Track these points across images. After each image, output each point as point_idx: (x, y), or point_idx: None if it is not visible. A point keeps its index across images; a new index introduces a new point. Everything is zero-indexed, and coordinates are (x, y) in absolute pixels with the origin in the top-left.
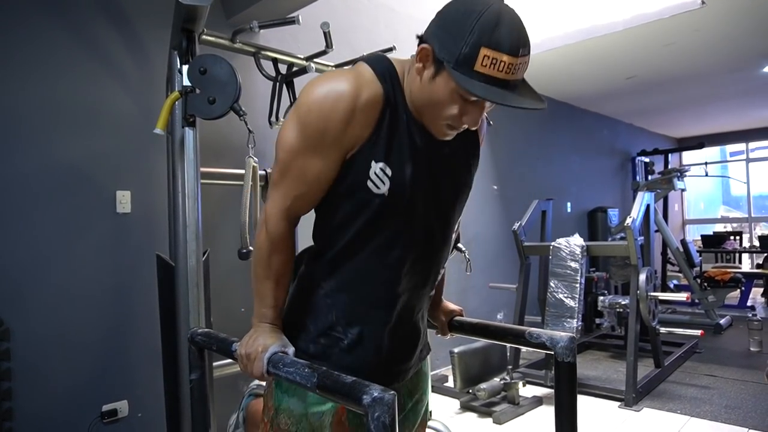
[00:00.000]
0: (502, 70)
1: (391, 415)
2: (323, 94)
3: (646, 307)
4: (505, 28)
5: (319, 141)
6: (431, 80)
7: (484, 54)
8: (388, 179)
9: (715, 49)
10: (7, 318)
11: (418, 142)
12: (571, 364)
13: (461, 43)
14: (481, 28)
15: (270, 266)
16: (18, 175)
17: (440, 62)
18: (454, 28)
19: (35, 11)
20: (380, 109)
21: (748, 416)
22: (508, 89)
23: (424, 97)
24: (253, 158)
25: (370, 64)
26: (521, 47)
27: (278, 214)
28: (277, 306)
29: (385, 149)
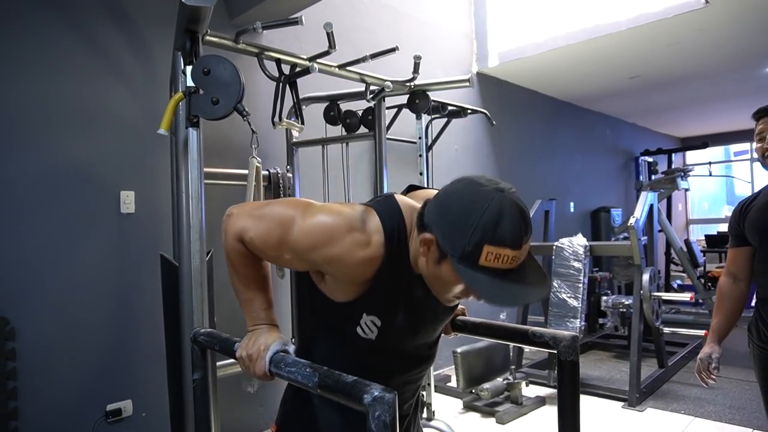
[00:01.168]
0: (506, 262)
1: (392, 415)
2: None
3: (650, 307)
4: (507, 224)
5: (310, 262)
6: (436, 264)
7: (487, 251)
8: (377, 329)
9: (719, 49)
10: (13, 318)
11: (416, 294)
12: (574, 363)
13: (464, 241)
14: (483, 227)
15: (245, 276)
16: (23, 176)
17: (444, 253)
18: (457, 224)
19: (42, 14)
20: (376, 268)
21: (752, 417)
22: (513, 277)
23: (430, 274)
24: (256, 158)
25: (381, 220)
26: (524, 237)
27: (236, 236)
28: (268, 308)
29: (376, 304)
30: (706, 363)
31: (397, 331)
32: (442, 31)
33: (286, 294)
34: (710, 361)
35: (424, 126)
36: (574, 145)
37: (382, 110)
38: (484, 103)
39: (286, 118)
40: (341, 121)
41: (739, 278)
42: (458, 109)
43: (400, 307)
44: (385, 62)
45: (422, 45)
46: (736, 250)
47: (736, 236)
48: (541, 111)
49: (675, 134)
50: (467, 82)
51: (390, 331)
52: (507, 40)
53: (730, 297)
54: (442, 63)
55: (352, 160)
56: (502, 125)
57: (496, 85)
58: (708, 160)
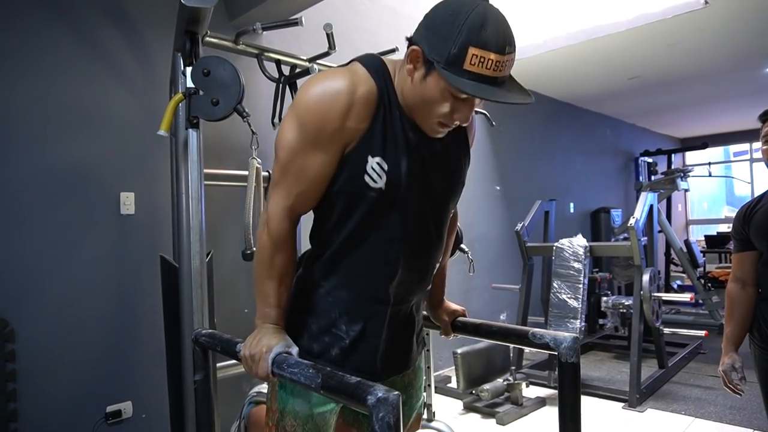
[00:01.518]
0: (490, 67)
1: (396, 416)
2: (320, 91)
3: (650, 308)
4: (491, 28)
5: (318, 137)
6: (422, 80)
7: (472, 53)
8: (385, 173)
9: (718, 49)
10: (12, 319)
11: (411, 138)
12: (575, 364)
13: (450, 44)
14: (468, 28)
15: (273, 266)
16: (23, 177)
17: (430, 63)
18: (442, 30)
19: (42, 15)
20: (375, 104)
21: (753, 417)
22: (497, 86)
23: (415, 97)
24: (256, 159)
25: (363, 63)
26: (507, 45)
27: (281, 212)
28: (280, 306)
29: (381, 144)
30: (730, 375)
31: (404, 176)
32: None
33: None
34: (734, 370)
35: None
36: (574, 145)
37: None
38: (483, 104)
39: None
40: None
41: (748, 283)
42: None
43: (401, 149)
44: None
45: None
46: (742, 255)
47: (741, 241)
48: (541, 111)
49: (675, 135)
50: None
51: (397, 175)
52: None
53: (740, 303)
54: None
55: None
56: (502, 126)
57: None
58: (708, 160)
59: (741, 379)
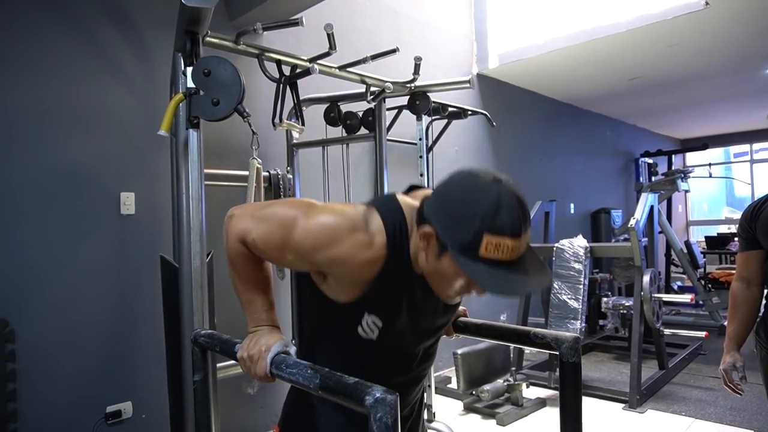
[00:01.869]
0: (506, 253)
1: (393, 416)
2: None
3: (650, 309)
4: (506, 212)
5: (312, 263)
6: (437, 259)
7: (487, 241)
8: (378, 329)
9: (719, 51)
10: (12, 320)
11: (417, 295)
12: (576, 364)
13: (463, 231)
14: (482, 216)
15: (246, 277)
16: (23, 177)
17: (444, 245)
18: (456, 214)
19: (41, 15)
20: (379, 269)
21: (753, 418)
22: (514, 267)
23: (430, 270)
24: (256, 159)
25: (383, 219)
26: (522, 226)
27: (239, 237)
28: (269, 309)
29: (378, 304)
30: (731, 374)
31: (398, 331)
32: (442, 32)
33: (286, 295)
34: (735, 370)
35: (424, 127)
36: (575, 146)
37: (383, 111)
38: (484, 105)
39: (287, 120)
40: (341, 122)
41: (753, 283)
42: (459, 111)
43: (402, 308)
44: (386, 63)
45: (422, 46)
46: (748, 253)
47: (746, 239)
48: (542, 112)
49: (675, 136)
50: (467, 83)
51: (391, 331)
52: (507, 41)
53: (744, 302)
54: (442, 64)
55: (352, 161)
56: (503, 126)
57: (496, 87)
58: (708, 161)
59: (741, 378)
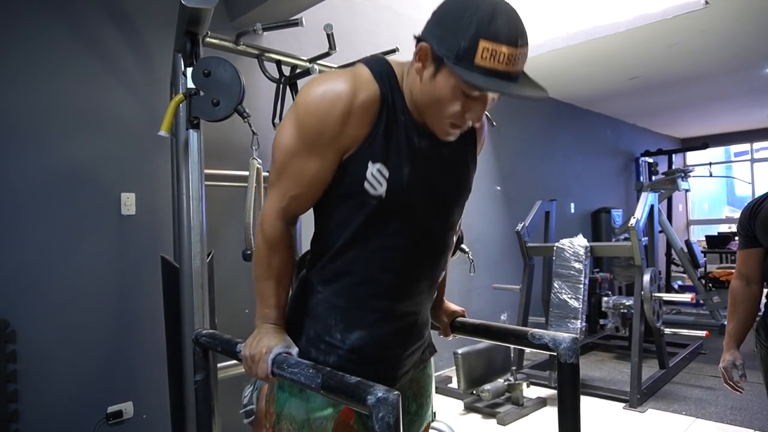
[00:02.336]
0: (502, 61)
1: (395, 416)
2: (320, 94)
3: (651, 308)
4: (502, 20)
5: (316, 141)
6: (432, 79)
7: (483, 46)
8: (385, 180)
9: (719, 50)
10: (13, 320)
11: (416, 142)
12: (574, 365)
13: (460, 38)
14: (478, 20)
15: (270, 266)
16: (23, 178)
17: (440, 59)
18: (451, 24)
19: (42, 16)
20: (377, 109)
21: (754, 418)
22: (510, 81)
23: (425, 97)
24: (257, 160)
25: (368, 66)
26: (519, 38)
27: (274, 214)
28: (279, 306)
29: (382, 150)
30: (731, 372)
31: (406, 183)
32: None
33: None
34: (735, 368)
35: None
36: (575, 145)
37: None
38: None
39: None
40: None
41: (752, 280)
42: None
43: (404, 154)
44: None
45: None
46: (747, 251)
47: (746, 237)
48: (542, 112)
49: (675, 135)
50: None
51: (399, 182)
52: None
53: (743, 300)
54: None
55: None
56: (503, 126)
57: None
58: (708, 160)
59: (741, 376)
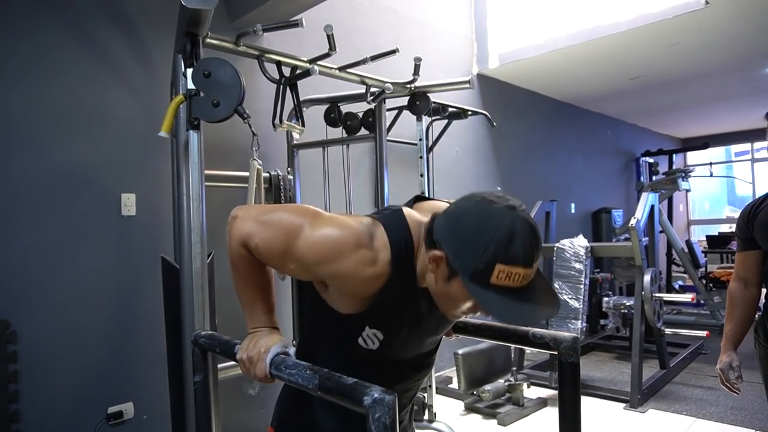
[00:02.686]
0: (517, 281)
1: (392, 416)
2: (328, 243)
3: (651, 308)
4: (519, 242)
5: (314, 274)
6: (445, 281)
7: (499, 270)
8: (379, 341)
9: (719, 49)
10: (14, 321)
11: (420, 308)
12: (575, 364)
13: (476, 259)
14: (495, 246)
15: (246, 279)
16: (24, 178)
17: (455, 271)
18: (468, 241)
19: (42, 17)
20: (380, 286)
21: (755, 418)
22: (524, 295)
23: (438, 291)
24: (257, 161)
25: (389, 236)
26: (535, 254)
27: (241, 241)
28: (268, 311)
29: (379, 319)
30: (727, 374)
31: (399, 344)
32: (442, 32)
33: (287, 297)
34: (731, 369)
35: (424, 127)
36: (575, 146)
37: (383, 112)
38: (484, 105)
39: (287, 120)
40: (342, 123)
41: (750, 282)
42: (459, 111)
43: (404, 322)
44: (386, 64)
45: (423, 47)
46: (745, 254)
47: (744, 240)
48: (542, 112)
49: (676, 135)
50: (467, 83)
51: (392, 344)
52: (507, 41)
53: (741, 302)
54: (442, 64)
55: (352, 161)
56: (503, 126)
57: (496, 87)
58: (709, 160)
59: (737, 377)
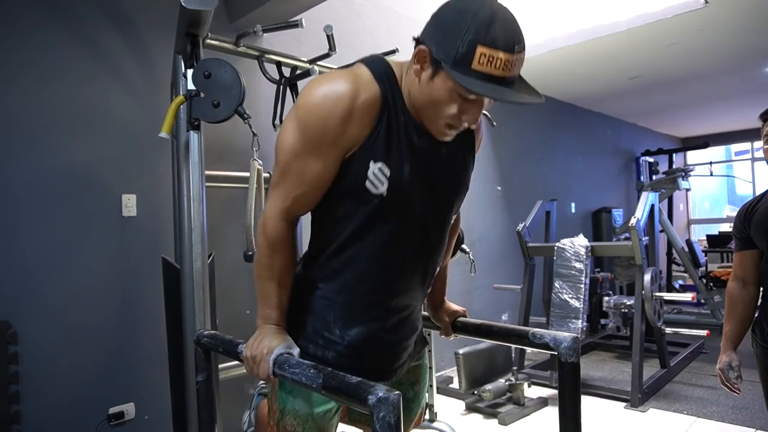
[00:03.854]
0: (499, 67)
1: (396, 415)
2: (322, 95)
3: (652, 308)
4: (500, 26)
5: (318, 142)
6: (429, 80)
7: (480, 52)
8: (386, 179)
9: (718, 49)
10: (15, 321)
11: (416, 142)
12: (575, 364)
13: (458, 43)
14: (476, 26)
15: (272, 267)
16: (25, 179)
17: (438, 62)
18: (449, 28)
19: (42, 17)
20: (378, 109)
21: (755, 417)
22: (506, 86)
23: (423, 98)
24: (257, 161)
25: (368, 66)
26: (516, 44)
27: (277, 214)
28: (280, 307)
29: (383, 149)
30: (727, 374)
31: (407, 185)
32: None
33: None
34: (731, 369)
35: None
36: (575, 145)
37: None
38: (490, 104)
39: None
40: None
41: (748, 282)
42: None
43: (405, 153)
44: None
45: None
46: (743, 253)
47: (741, 239)
48: (542, 112)
49: (675, 134)
50: None
51: (400, 181)
52: None
53: (740, 302)
54: None
55: None
56: (503, 126)
57: None
58: (709, 159)
59: (737, 377)
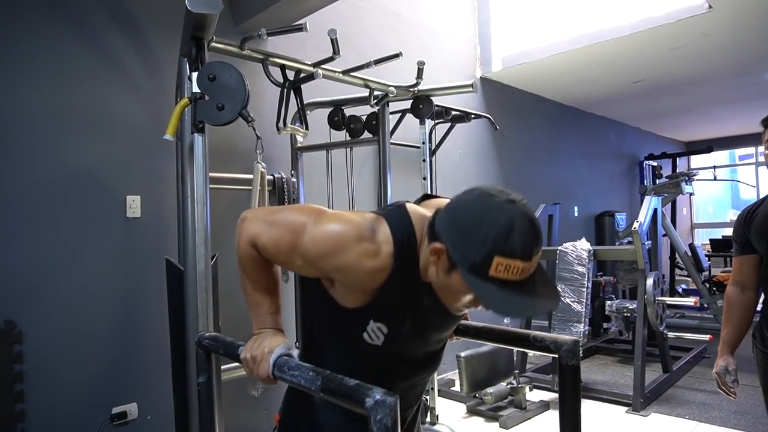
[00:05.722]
0: (516, 273)
1: (393, 418)
2: (331, 237)
3: (654, 312)
4: (518, 235)
5: (320, 269)
6: (446, 274)
7: (497, 262)
8: (383, 336)
9: (722, 53)
10: (20, 321)
11: (424, 303)
12: (575, 367)
13: (475, 251)
14: (494, 237)
15: (254, 280)
16: (30, 181)
17: (454, 263)
18: (467, 234)
19: (48, 21)
20: (383, 280)
21: (758, 422)
22: (523, 288)
23: (439, 283)
24: (261, 164)
25: (391, 229)
26: (534, 248)
27: (250, 239)
28: (274, 312)
29: (385, 312)
30: (723, 377)
31: (403, 338)
32: (445, 36)
33: (290, 300)
34: (728, 373)
35: (427, 131)
36: (578, 149)
37: (386, 115)
38: (487, 108)
39: (291, 124)
40: (345, 126)
41: (747, 287)
42: (462, 114)
43: (408, 315)
44: (389, 68)
45: (426, 50)
46: (742, 258)
47: (741, 244)
48: (545, 115)
49: (679, 138)
50: (471, 87)
51: (396, 338)
52: (510, 44)
53: (738, 306)
54: (445, 68)
55: (356, 164)
56: (506, 130)
57: (499, 90)
58: (713, 164)
59: (734, 381)
